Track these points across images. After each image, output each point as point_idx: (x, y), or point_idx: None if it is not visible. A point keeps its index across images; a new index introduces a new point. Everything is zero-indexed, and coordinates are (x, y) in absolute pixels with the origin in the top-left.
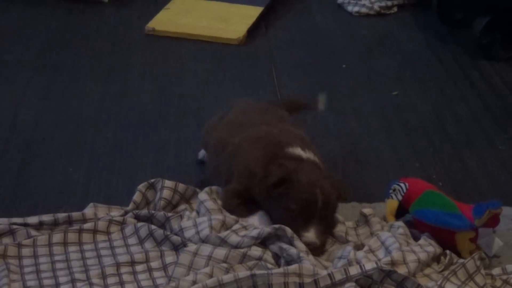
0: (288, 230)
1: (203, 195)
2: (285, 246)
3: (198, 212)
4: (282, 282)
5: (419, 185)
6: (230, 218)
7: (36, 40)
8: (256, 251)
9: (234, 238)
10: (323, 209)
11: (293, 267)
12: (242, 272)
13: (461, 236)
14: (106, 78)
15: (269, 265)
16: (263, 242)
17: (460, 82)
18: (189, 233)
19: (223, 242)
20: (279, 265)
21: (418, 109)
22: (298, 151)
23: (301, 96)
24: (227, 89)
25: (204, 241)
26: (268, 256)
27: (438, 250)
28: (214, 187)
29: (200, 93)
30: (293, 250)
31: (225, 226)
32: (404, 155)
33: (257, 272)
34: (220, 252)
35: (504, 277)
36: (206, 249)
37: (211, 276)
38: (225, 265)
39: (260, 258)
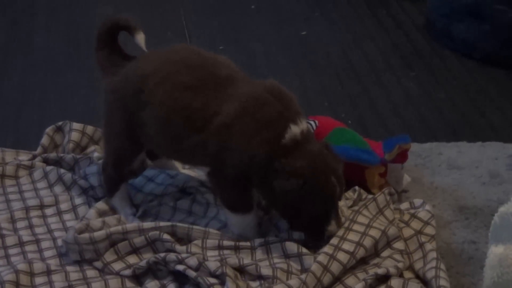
0: None
1: None
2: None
3: None
4: (201, 236)
5: (329, 122)
6: None
7: None
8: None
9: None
10: (340, 191)
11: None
12: (163, 222)
13: (370, 171)
14: (12, 22)
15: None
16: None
17: (368, 21)
18: (93, 180)
19: None
20: None
21: (327, 49)
22: (297, 128)
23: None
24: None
25: None
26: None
27: None
28: None
29: None
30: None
31: None
32: (313, 95)
33: (178, 224)
34: None
35: (412, 211)
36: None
37: (119, 220)
38: None
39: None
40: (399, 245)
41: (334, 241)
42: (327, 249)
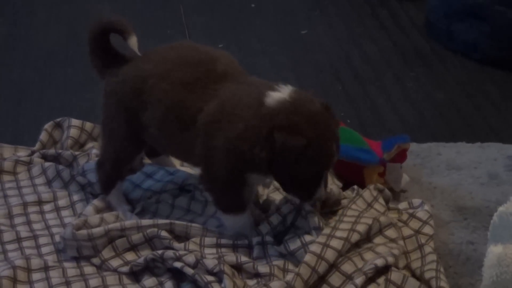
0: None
1: None
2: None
3: None
4: (200, 234)
5: None
6: None
7: None
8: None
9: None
10: (336, 158)
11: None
12: (161, 220)
13: (369, 171)
14: (12, 19)
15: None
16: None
17: (369, 21)
18: (91, 176)
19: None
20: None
21: (327, 48)
22: (279, 93)
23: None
24: (135, 29)
25: None
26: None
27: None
28: None
29: None
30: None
31: None
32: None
33: (176, 221)
34: None
35: (411, 211)
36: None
37: (117, 217)
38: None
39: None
40: (391, 233)
41: (326, 231)
42: (319, 238)
